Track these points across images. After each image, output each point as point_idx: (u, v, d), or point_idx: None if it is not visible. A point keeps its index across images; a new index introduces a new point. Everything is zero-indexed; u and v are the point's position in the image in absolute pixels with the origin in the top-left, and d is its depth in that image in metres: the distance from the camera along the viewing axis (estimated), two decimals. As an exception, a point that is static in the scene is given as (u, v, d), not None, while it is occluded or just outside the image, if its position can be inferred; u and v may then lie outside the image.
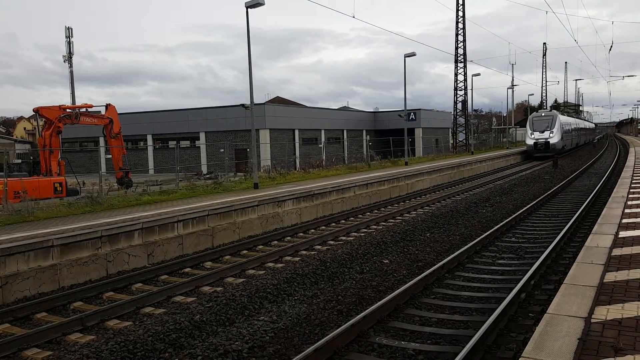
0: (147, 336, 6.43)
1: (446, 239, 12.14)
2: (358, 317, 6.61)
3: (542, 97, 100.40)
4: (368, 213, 16.98)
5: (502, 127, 72.29)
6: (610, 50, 67.72)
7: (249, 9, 18.05)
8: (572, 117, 64.38)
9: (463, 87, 48.39)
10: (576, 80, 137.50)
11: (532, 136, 42.22)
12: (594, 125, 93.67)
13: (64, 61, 39.41)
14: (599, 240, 7.92)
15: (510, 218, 13.74)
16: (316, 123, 48.03)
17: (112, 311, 7.86)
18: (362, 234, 13.06)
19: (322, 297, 8.01)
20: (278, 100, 67.69)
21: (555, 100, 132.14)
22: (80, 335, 7.14)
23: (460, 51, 47.53)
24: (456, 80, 48.32)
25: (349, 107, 72.15)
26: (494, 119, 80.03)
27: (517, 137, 70.09)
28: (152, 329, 6.63)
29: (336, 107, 70.71)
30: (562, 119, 45.58)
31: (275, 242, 13.12)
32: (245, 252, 12.10)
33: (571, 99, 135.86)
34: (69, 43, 39.28)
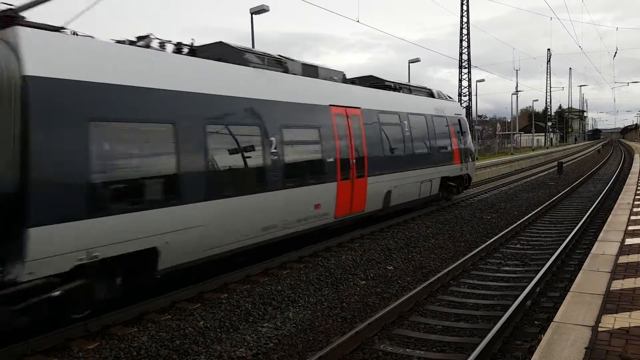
0: (151, 342, 6.41)
1: (451, 245, 12.10)
2: (363, 324, 6.58)
3: (546, 103, 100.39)
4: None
5: (507, 132, 72.29)
6: (614, 56, 67.53)
7: (253, 15, 18.12)
8: None
9: (467, 93, 48.38)
10: (580, 86, 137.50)
11: None
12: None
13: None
14: (605, 247, 7.88)
15: (515, 225, 13.68)
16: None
17: (116, 317, 7.82)
18: (366, 240, 13.01)
19: (326, 304, 7.99)
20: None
21: (560, 106, 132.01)
22: (84, 341, 7.11)
23: (465, 57, 47.58)
24: (460, 86, 48.32)
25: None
26: (498, 125, 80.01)
27: (522, 143, 70.72)
28: (156, 335, 6.62)
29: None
30: None
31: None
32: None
33: (576, 105, 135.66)
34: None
